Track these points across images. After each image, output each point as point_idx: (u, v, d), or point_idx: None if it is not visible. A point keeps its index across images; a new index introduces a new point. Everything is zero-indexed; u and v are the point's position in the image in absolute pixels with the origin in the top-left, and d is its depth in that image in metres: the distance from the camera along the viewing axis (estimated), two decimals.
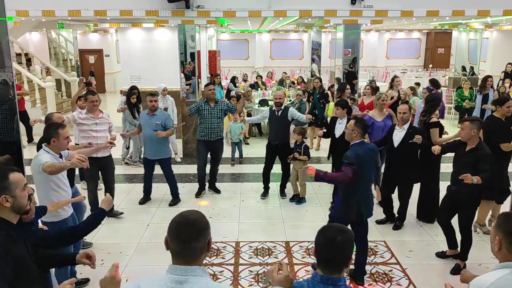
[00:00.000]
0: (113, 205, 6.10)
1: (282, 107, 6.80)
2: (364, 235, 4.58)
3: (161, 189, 7.13)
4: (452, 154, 4.99)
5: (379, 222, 6.00)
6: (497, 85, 13.25)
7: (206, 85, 7.20)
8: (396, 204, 5.94)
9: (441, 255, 5.14)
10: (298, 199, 6.82)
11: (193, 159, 9.24)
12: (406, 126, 5.60)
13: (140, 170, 8.37)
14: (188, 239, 1.87)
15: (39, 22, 12.75)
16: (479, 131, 4.62)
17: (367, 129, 4.77)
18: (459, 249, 4.96)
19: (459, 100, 11.79)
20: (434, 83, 9.80)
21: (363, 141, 4.47)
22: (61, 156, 4.08)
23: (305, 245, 5.42)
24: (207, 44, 12.02)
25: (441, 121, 10.78)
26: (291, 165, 6.92)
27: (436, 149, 5.03)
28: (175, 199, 6.79)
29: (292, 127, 7.15)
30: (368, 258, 5.11)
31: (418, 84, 14.38)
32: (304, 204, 6.75)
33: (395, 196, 5.95)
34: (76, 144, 6.07)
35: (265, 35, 22.62)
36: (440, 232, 5.19)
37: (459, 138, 4.86)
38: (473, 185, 4.34)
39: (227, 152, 9.52)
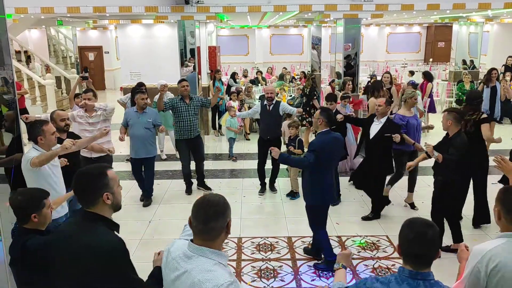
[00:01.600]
0: None
1: (274, 102, 6.82)
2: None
3: (162, 186, 7.12)
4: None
5: (364, 218, 6.06)
6: (498, 79, 13.22)
7: (179, 82, 7.00)
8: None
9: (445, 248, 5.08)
10: (293, 194, 6.86)
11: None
12: (384, 119, 5.72)
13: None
14: (207, 219, 1.97)
15: (38, 19, 12.72)
16: (457, 121, 4.78)
17: (332, 118, 4.79)
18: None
19: (460, 94, 11.76)
20: (428, 75, 9.79)
21: (328, 130, 4.63)
22: None
23: (308, 240, 5.42)
24: (206, 40, 11.96)
25: (434, 115, 10.85)
26: None
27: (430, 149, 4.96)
28: (148, 199, 6.60)
29: (286, 122, 7.19)
30: (370, 252, 5.13)
31: (412, 72, 14.39)
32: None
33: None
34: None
35: (264, 31, 22.56)
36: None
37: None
38: (451, 174, 4.72)
39: (222, 149, 9.52)
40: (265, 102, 6.84)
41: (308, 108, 9.11)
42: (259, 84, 14.05)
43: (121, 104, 8.51)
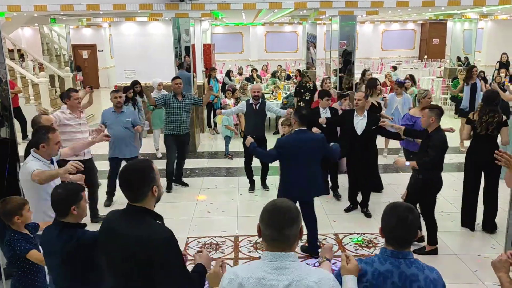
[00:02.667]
0: (98, 210, 5.94)
1: (260, 101, 6.82)
2: (309, 214, 4.90)
3: None
4: None
5: (347, 210, 6.21)
6: (493, 75, 13.27)
7: (173, 79, 7.07)
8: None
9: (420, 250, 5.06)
10: None
11: (189, 153, 9.19)
12: (366, 113, 5.88)
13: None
14: (282, 227, 1.92)
15: (31, 17, 12.60)
16: (438, 118, 4.82)
17: (304, 118, 4.73)
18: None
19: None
20: (412, 79, 9.80)
21: (303, 129, 4.71)
22: (52, 162, 3.80)
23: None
24: (201, 37, 11.91)
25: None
26: None
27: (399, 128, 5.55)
28: None
29: (280, 119, 7.25)
30: (367, 250, 5.13)
31: (395, 67, 14.42)
32: None
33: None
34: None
35: (259, 28, 22.51)
36: (440, 225, 5.19)
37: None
38: (431, 173, 4.77)
39: (218, 147, 9.49)
40: (251, 101, 6.85)
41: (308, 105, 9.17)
42: (254, 82, 14.01)
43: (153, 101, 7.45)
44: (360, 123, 5.85)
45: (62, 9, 8.69)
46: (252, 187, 7.08)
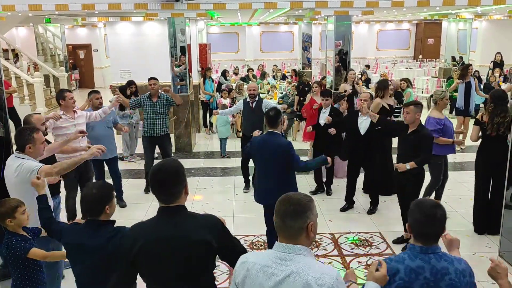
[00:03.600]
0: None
1: (256, 99, 6.84)
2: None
3: None
4: None
5: (343, 209, 6.25)
6: (487, 75, 13.34)
7: (149, 80, 6.86)
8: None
9: (397, 241, 5.28)
10: None
11: (185, 153, 9.21)
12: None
13: (132, 166, 8.33)
14: (285, 216, 1.95)
15: (25, 16, 12.55)
16: (421, 113, 4.91)
17: (270, 119, 4.38)
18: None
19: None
20: (408, 81, 9.81)
21: (272, 132, 4.36)
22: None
23: None
24: (197, 37, 11.90)
25: None
26: None
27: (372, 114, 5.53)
28: (122, 201, 6.47)
29: None
30: (363, 249, 5.15)
31: (368, 66, 14.49)
32: None
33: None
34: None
35: (255, 28, 22.52)
36: None
37: (403, 121, 5.15)
38: (423, 165, 4.87)
39: (213, 147, 9.49)
40: (248, 100, 6.87)
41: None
42: (250, 82, 14.01)
43: (127, 104, 7.35)
44: (364, 123, 5.86)
45: (57, 8, 8.66)
46: (247, 187, 7.09)
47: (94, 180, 5.92)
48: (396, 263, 2.23)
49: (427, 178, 5.34)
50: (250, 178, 7.08)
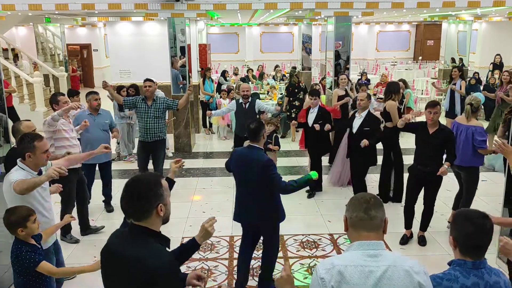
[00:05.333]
0: (88, 220, 5.64)
1: (249, 100, 6.84)
2: (264, 241, 4.33)
3: None
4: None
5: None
6: (486, 77, 13.35)
7: (144, 81, 6.42)
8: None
9: (404, 241, 5.33)
10: None
11: (184, 153, 9.21)
12: (364, 113, 5.97)
13: (131, 166, 8.31)
14: (369, 208, 2.02)
15: (25, 16, 12.54)
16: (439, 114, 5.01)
17: (251, 133, 4.04)
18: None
19: None
20: (405, 82, 9.77)
21: (253, 145, 4.03)
22: (40, 173, 3.41)
23: (299, 238, 5.42)
24: (197, 37, 11.89)
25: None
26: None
27: (400, 123, 5.29)
28: (110, 206, 6.28)
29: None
30: None
31: (347, 68, 14.46)
32: (297, 197, 6.73)
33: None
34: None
35: (255, 29, 22.52)
36: (434, 225, 5.22)
37: (424, 120, 5.06)
38: (439, 164, 4.87)
39: (213, 147, 9.51)
40: (241, 100, 6.87)
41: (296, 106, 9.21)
42: (250, 82, 14.02)
43: (120, 101, 6.95)
44: (357, 122, 6.03)
45: (57, 8, 8.65)
46: None
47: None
48: (448, 282, 2.11)
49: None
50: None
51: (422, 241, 5.29)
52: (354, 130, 6.03)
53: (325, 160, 7.63)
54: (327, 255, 5.04)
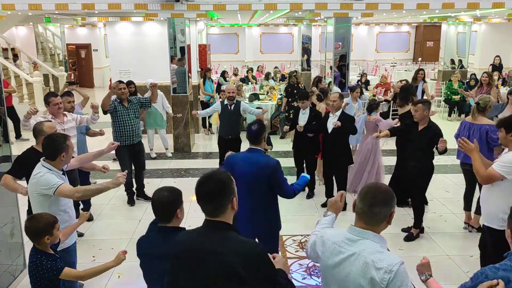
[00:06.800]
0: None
1: (235, 101, 6.87)
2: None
3: (152, 184, 7.07)
4: None
5: (323, 205, 6.36)
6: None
7: (119, 83, 6.39)
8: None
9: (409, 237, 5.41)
10: None
11: (184, 153, 9.22)
12: (338, 113, 6.07)
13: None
14: (373, 203, 2.07)
15: (25, 16, 12.55)
16: (429, 111, 5.20)
17: (252, 135, 3.84)
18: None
19: (449, 93, 11.88)
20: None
21: (255, 148, 3.85)
22: (64, 173, 3.45)
23: (298, 239, 5.42)
24: (197, 38, 11.90)
25: None
26: None
27: (381, 135, 5.69)
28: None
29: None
30: None
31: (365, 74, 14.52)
32: (296, 198, 6.73)
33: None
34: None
35: (255, 29, 22.53)
36: (428, 222, 5.23)
37: (413, 119, 5.26)
38: (429, 160, 5.12)
39: (212, 147, 9.46)
40: (226, 102, 6.90)
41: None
42: (250, 83, 14.04)
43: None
44: (331, 122, 6.11)
45: (57, 8, 8.66)
46: None
47: None
48: (504, 272, 2.10)
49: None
50: None
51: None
52: (330, 130, 6.09)
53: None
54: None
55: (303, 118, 6.61)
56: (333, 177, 6.36)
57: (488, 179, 3.60)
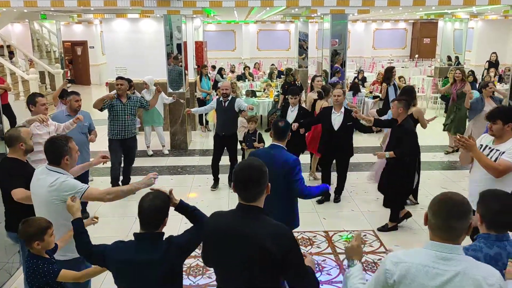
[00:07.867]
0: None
1: (229, 98, 6.86)
2: None
3: None
4: None
5: (319, 202, 6.41)
6: (482, 75, 13.39)
7: (116, 79, 6.68)
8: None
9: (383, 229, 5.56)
10: None
11: (181, 151, 9.22)
12: (343, 109, 6.18)
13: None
14: (450, 218, 1.93)
15: (21, 13, 12.47)
16: (406, 109, 5.29)
17: (279, 131, 3.95)
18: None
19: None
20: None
21: (277, 145, 3.92)
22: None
23: (296, 235, 5.42)
24: (193, 35, 11.87)
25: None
26: (246, 154, 7.03)
27: (364, 117, 6.03)
28: (85, 212, 5.94)
29: (242, 118, 7.41)
30: None
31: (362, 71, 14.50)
32: None
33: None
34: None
35: (251, 26, 22.48)
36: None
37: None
38: (403, 157, 5.22)
39: (209, 144, 9.44)
40: (221, 98, 6.91)
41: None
42: (246, 80, 14.02)
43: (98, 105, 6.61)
44: (337, 119, 6.16)
45: (53, 5, 8.63)
46: (214, 185, 7.09)
47: None
48: (474, 252, 2.24)
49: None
50: (220, 176, 7.13)
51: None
52: (336, 127, 6.13)
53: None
54: (322, 252, 5.07)
55: (291, 115, 6.62)
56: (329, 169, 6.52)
57: (504, 171, 3.54)
